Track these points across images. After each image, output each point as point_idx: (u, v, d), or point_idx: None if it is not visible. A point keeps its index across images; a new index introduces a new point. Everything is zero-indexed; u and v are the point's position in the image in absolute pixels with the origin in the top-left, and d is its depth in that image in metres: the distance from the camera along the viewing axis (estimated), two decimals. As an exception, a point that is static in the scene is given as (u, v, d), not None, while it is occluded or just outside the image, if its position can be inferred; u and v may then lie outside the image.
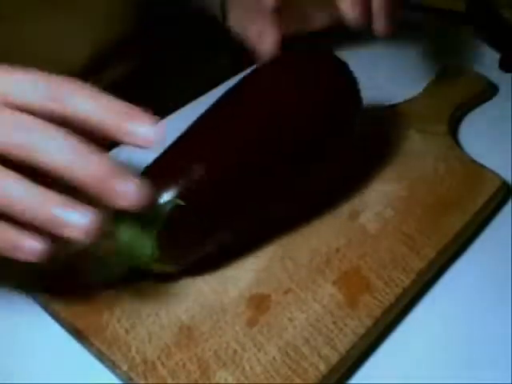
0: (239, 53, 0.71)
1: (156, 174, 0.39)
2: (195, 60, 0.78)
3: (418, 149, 0.51)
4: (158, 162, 0.40)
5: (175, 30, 0.76)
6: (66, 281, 0.39)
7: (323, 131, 0.42)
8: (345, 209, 0.45)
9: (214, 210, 0.38)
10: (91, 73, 0.62)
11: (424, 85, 0.59)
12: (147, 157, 0.54)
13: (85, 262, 0.39)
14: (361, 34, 0.61)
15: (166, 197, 0.37)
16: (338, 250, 0.43)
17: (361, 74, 0.47)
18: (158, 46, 0.72)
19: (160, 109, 0.62)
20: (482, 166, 0.49)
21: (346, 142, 0.45)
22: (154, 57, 0.71)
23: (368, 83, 0.47)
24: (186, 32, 0.77)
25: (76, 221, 0.30)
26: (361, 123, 0.45)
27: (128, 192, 0.30)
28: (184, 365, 0.36)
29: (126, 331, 0.38)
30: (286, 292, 0.40)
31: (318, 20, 0.56)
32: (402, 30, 0.72)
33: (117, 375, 0.37)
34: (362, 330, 0.37)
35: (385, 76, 0.64)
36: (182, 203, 0.37)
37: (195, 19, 0.76)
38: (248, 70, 0.57)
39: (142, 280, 0.40)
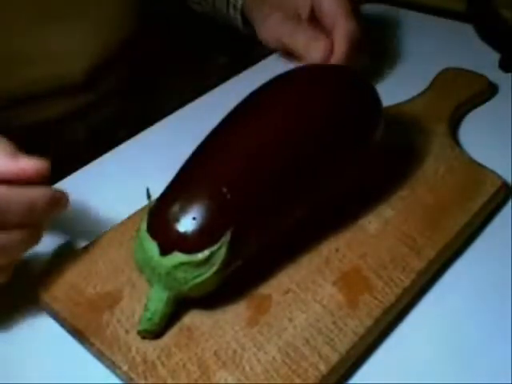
0: (238, 53, 0.71)
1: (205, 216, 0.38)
2: (194, 60, 0.78)
3: (418, 149, 0.51)
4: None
5: (175, 30, 0.76)
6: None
7: (343, 145, 0.43)
8: (344, 208, 0.45)
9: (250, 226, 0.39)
10: (93, 78, 0.62)
11: (424, 85, 0.59)
12: (145, 159, 0.54)
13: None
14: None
15: (221, 241, 0.37)
16: (337, 250, 0.43)
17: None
18: (158, 46, 0.72)
19: (160, 109, 0.62)
20: (482, 166, 0.49)
21: (364, 156, 0.45)
22: (154, 57, 0.71)
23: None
24: (186, 32, 0.78)
25: None
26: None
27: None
28: (184, 365, 0.36)
29: (126, 331, 0.38)
30: (286, 292, 0.40)
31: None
32: (402, 30, 0.72)
33: (117, 375, 0.37)
34: (361, 330, 0.37)
35: (385, 76, 0.64)
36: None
37: (195, 20, 0.76)
38: (247, 71, 0.58)
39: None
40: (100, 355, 0.37)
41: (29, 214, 0.37)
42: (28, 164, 0.37)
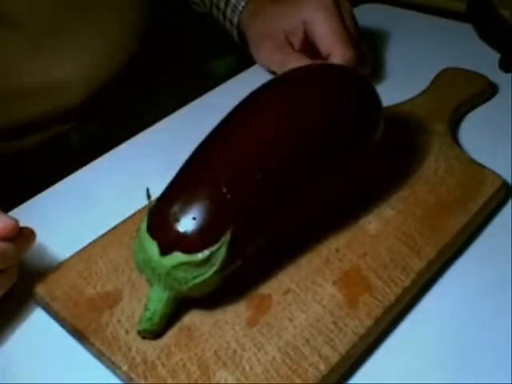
0: (239, 55, 0.72)
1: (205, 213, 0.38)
2: (195, 60, 0.78)
3: (418, 149, 0.51)
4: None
5: (175, 34, 0.76)
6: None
7: (343, 145, 0.43)
8: (344, 208, 0.45)
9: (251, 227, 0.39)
10: (90, 103, 0.62)
11: (424, 85, 0.59)
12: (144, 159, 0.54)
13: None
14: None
15: (220, 241, 0.37)
16: (337, 250, 0.43)
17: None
18: (159, 51, 0.72)
19: (159, 110, 0.62)
20: (482, 166, 0.49)
21: (364, 156, 0.45)
22: (154, 61, 0.71)
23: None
24: (188, 34, 0.78)
25: None
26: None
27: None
28: (184, 365, 0.36)
29: (126, 331, 0.38)
30: (286, 292, 0.40)
31: None
32: (402, 30, 0.72)
33: (117, 375, 0.37)
34: (361, 330, 0.37)
35: (385, 76, 0.64)
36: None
37: (194, 25, 0.77)
38: (247, 71, 0.57)
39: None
40: (100, 355, 0.37)
41: (2, 261, 0.38)
42: None
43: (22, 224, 0.39)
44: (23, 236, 0.40)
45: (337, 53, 0.57)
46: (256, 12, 0.64)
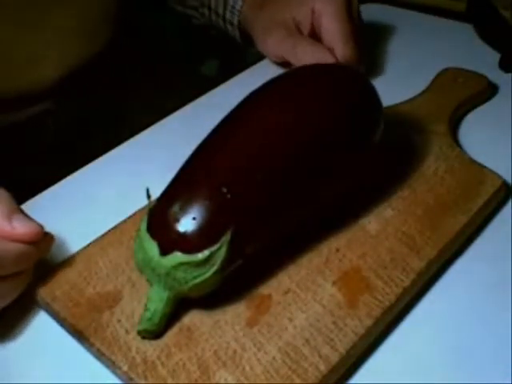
0: (229, 55, 0.72)
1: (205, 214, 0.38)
2: (187, 60, 0.79)
3: (418, 149, 0.51)
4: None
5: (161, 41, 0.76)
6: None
7: (343, 145, 0.43)
8: (344, 208, 0.45)
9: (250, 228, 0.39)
10: (64, 85, 0.62)
11: (424, 85, 0.59)
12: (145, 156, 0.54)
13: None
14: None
15: (221, 240, 0.37)
16: (338, 250, 0.43)
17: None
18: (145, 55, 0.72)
19: (156, 112, 0.62)
20: (482, 166, 0.49)
21: (364, 157, 0.45)
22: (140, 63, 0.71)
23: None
24: (177, 35, 0.78)
25: None
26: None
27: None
28: (184, 365, 0.36)
29: (126, 331, 0.38)
30: (286, 292, 0.40)
31: None
32: (402, 30, 0.72)
33: (117, 375, 0.37)
34: (361, 330, 0.37)
35: (385, 76, 0.64)
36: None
37: (182, 31, 0.77)
38: (247, 71, 0.57)
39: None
40: (100, 355, 0.37)
41: (20, 264, 0.38)
42: (21, 226, 0.38)
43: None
44: (44, 240, 0.40)
45: (338, 50, 0.57)
46: (263, 4, 0.65)
